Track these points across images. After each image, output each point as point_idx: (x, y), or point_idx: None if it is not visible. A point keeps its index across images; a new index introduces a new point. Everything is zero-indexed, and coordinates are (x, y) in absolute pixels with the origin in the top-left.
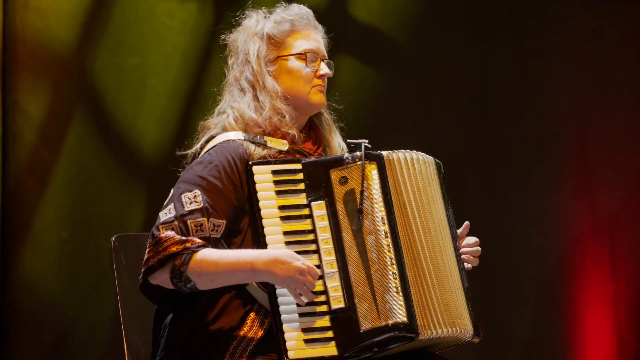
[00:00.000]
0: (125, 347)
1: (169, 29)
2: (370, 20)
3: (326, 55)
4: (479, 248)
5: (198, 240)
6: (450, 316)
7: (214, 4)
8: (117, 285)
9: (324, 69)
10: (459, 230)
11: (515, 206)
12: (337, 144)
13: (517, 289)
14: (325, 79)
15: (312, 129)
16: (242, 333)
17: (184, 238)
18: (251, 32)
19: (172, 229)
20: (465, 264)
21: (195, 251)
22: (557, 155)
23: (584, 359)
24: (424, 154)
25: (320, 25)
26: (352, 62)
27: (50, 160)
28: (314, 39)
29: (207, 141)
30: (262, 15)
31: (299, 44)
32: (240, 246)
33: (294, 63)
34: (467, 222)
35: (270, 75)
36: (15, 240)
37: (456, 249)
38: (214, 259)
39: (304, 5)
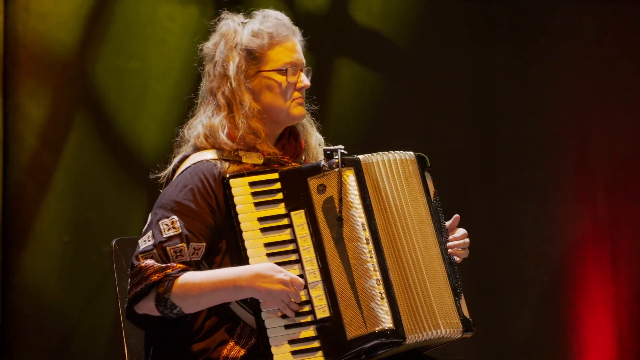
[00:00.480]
0: (125, 351)
1: (170, 33)
2: (371, 24)
3: (304, 61)
4: (466, 240)
5: (179, 265)
6: (437, 317)
7: (215, 7)
8: (118, 289)
9: (304, 80)
10: (448, 223)
11: (516, 209)
12: (315, 139)
13: (518, 292)
14: (304, 90)
15: (292, 134)
16: (225, 352)
17: (164, 265)
18: (230, 43)
19: (152, 257)
20: (456, 258)
21: (177, 276)
22: (558, 159)
23: None
24: (402, 152)
25: (297, 29)
26: (352, 65)
27: (52, 163)
28: (293, 49)
29: (181, 162)
30: (238, 22)
31: (279, 58)
32: (220, 264)
33: (275, 78)
34: (456, 215)
35: (248, 92)
36: (16, 244)
37: (441, 244)
38: (196, 282)
39: (305, 7)
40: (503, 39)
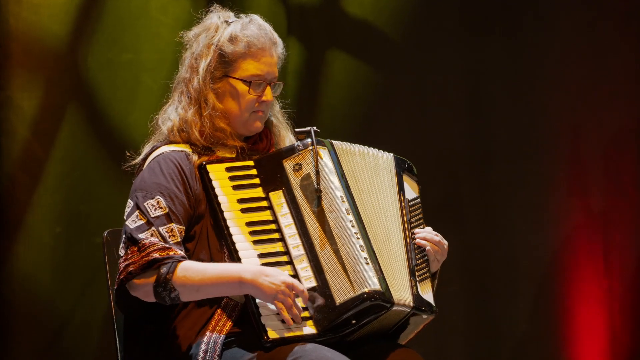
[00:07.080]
0: (117, 343)
1: (162, 25)
2: (363, 16)
3: (276, 75)
4: (437, 238)
5: (179, 251)
6: (401, 290)
7: (207, 0)
8: (110, 281)
9: (267, 95)
10: (428, 228)
11: (509, 203)
12: (289, 142)
13: (511, 286)
14: (268, 104)
15: (262, 132)
16: (210, 327)
17: (166, 245)
18: (208, 40)
19: (152, 235)
20: (430, 253)
21: (180, 261)
22: (551, 152)
23: (578, 355)
24: (383, 151)
25: (279, 41)
26: (345, 58)
27: (44, 156)
28: (265, 63)
29: (152, 151)
30: (223, 19)
31: (248, 69)
32: (193, 252)
33: (239, 86)
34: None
35: (213, 92)
36: (8, 236)
37: (404, 232)
38: (200, 269)
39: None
40: (496, 31)
